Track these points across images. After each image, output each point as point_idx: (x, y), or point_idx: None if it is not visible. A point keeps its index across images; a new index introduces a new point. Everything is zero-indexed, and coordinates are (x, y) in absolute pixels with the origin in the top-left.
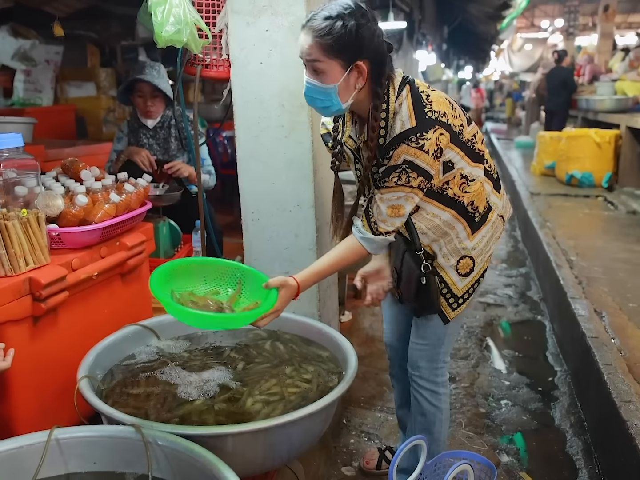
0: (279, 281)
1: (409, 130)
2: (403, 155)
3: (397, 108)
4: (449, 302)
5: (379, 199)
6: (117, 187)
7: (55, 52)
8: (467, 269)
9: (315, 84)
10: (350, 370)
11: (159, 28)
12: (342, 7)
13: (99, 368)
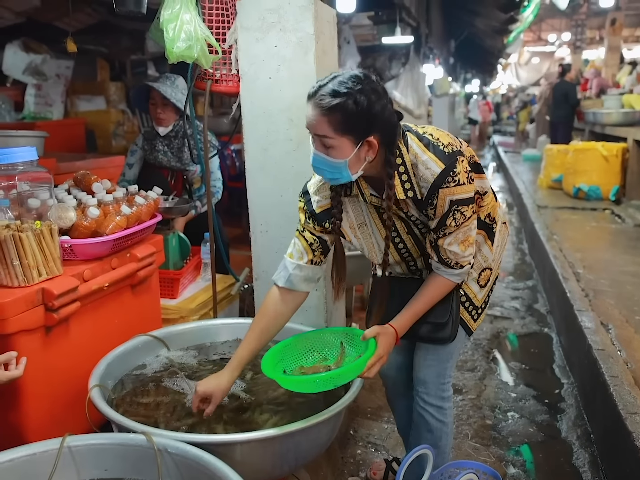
0: (375, 331)
1: (441, 173)
2: (447, 198)
3: (413, 159)
4: (471, 314)
5: (447, 245)
6: (128, 199)
7: (65, 66)
8: (486, 279)
9: (324, 158)
10: (357, 381)
11: (171, 44)
12: (352, 82)
13: (110, 377)
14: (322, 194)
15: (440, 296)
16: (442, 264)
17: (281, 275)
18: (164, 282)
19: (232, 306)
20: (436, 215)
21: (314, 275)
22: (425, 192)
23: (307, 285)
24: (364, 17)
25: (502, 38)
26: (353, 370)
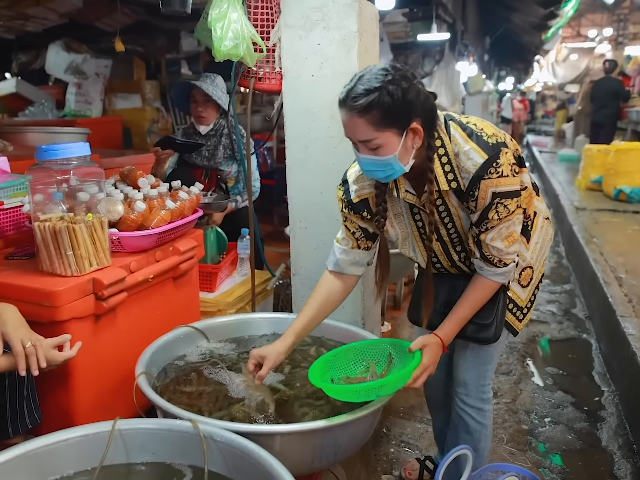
0: (421, 343)
1: (483, 164)
2: (489, 190)
3: (455, 149)
4: (516, 315)
5: (489, 241)
6: (172, 194)
7: (104, 65)
8: (528, 278)
9: (373, 159)
10: None
11: (218, 43)
12: (381, 75)
13: (154, 365)
14: (361, 184)
15: (485, 299)
16: (485, 261)
17: (330, 260)
18: (203, 276)
19: (267, 301)
20: (477, 207)
21: (361, 260)
22: (466, 184)
23: (356, 269)
24: (397, 14)
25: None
26: (397, 381)
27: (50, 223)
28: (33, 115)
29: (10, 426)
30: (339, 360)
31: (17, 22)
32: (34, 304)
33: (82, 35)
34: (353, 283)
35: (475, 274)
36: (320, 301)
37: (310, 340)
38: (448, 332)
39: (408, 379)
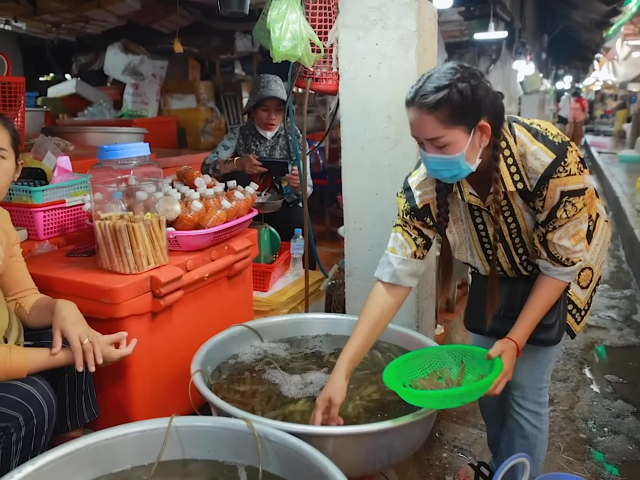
0: (499, 349)
1: (551, 164)
2: (558, 189)
3: (521, 150)
4: (575, 317)
5: (557, 240)
6: (228, 194)
7: (160, 66)
8: (588, 280)
9: (440, 158)
10: None
11: (277, 44)
12: (450, 74)
13: (209, 363)
14: (424, 189)
15: (553, 299)
16: (552, 260)
17: (385, 272)
18: (256, 275)
19: (319, 302)
20: (545, 207)
21: (418, 270)
22: (534, 184)
23: (412, 280)
24: (453, 13)
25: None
26: (481, 388)
27: (111, 222)
28: (92, 115)
29: (69, 420)
30: (411, 365)
31: (78, 24)
32: (94, 301)
33: (140, 36)
34: (406, 296)
35: (541, 275)
36: (374, 319)
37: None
38: (522, 336)
39: (490, 386)
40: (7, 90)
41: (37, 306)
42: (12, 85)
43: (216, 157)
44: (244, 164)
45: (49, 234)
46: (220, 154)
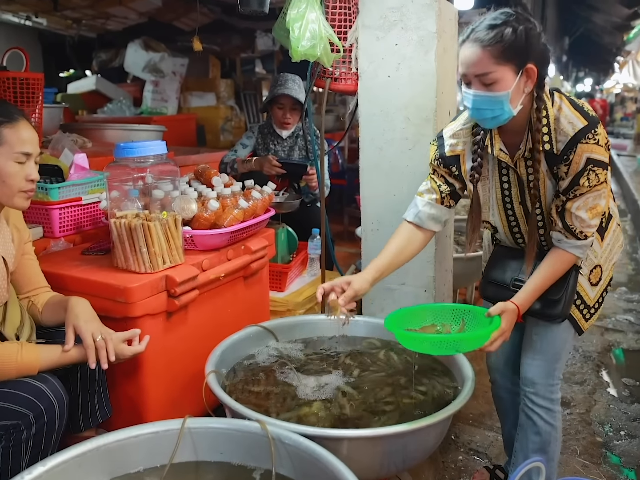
0: (500, 308)
1: (583, 129)
2: (584, 155)
3: (556, 113)
4: (582, 313)
5: (575, 209)
6: (245, 193)
7: (180, 64)
8: (597, 277)
9: (485, 95)
10: (468, 383)
11: (296, 43)
12: (506, 15)
13: (224, 364)
14: (456, 140)
15: (561, 272)
16: (566, 231)
17: (411, 212)
18: (273, 275)
19: None
20: (569, 173)
21: (441, 216)
22: (561, 147)
23: (434, 225)
24: (474, 14)
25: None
26: (477, 338)
27: (126, 220)
28: (111, 112)
29: (82, 420)
30: (413, 317)
31: (98, 20)
32: (109, 300)
33: (160, 34)
34: (428, 239)
35: (553, 247)
36: (400, 244)
37: (379, 344)
38: (524, 301)
39: (487, 340)
40: (25, 86)
41: (50, 304)
42: (30, 81)
43: (234, 156)
44: (263, 164)
45: (65, 232)
46: (238, 152)
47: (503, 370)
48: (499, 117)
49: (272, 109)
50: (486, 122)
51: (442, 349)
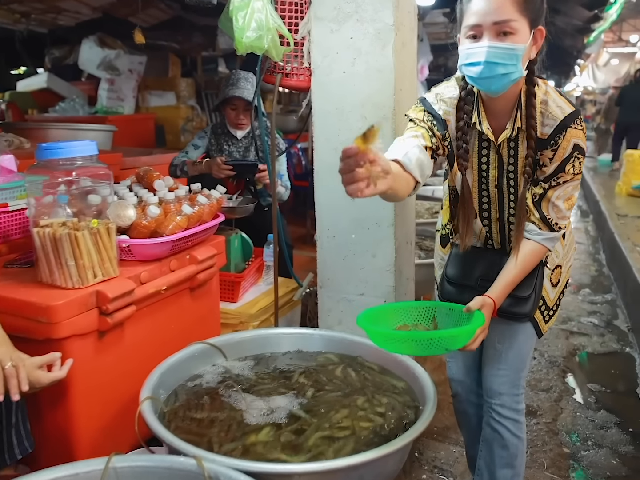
0: (480, 302)
1: (571, 113)
2: (572, 140)
3: (543, 96)
4: (543, 314)
5: (554, 198)
6: (190, 198)
7: (138, 62)
8: (557, 278)
9: (502, 46)
10: (429, 405)
11: (240, 34)
12: None
13: (163, 387)
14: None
15: (533, 265)
16: (542, 222)
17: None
18: (225, 285)
19: (294, 312)
20: (555, 158)
21: (426, 167)
22: (549, 132)
23: (419, 173)
24: (438, 15)
25: (583, 38)
26: (465, 334)
27: (51, 229)
28: (63, 111)
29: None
30: (381, 318)
31: (49, 15)
32: (29, 319)
33: (116, 30)
34: (409, 190)
35: (523, 240)
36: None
37: (336, 359)
38: (499, 295)
39: (472, 337)
40: None
41: None
42: None
43: (185, 158)
44: (212, 167)
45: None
46: (189, 154)
47: (465, 382)
48: (510, 75)
49: (224, 109)
50: (493, 82)
51: (426, 347)
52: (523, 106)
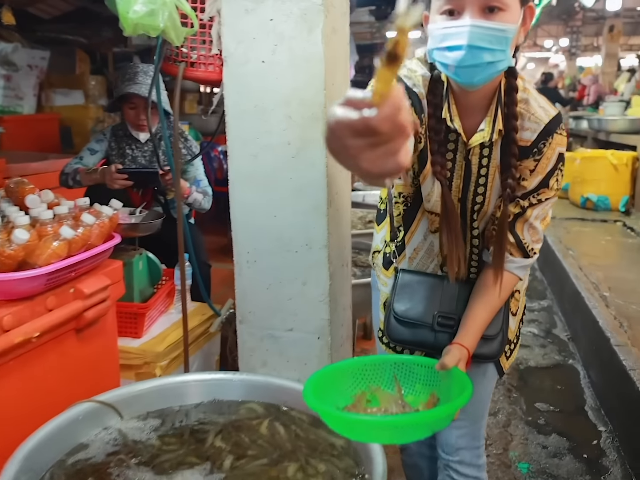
0: (457, 356)
1: (556, 117)
2: (557, 149)
3: (523, 95)
4: (504, 350)
5: (533, 219)
6: (75, 216)
7: (40, 57)
8: (517, 306)
9: (490, 26)
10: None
11: (125, 8)
12: None
13: (35, 466)
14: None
15: (505, 299)
16: (515, 247)
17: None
18: (126, 317)
19: (212, 343)
20: (537, 170)
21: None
22: (531, 137)
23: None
24: (363, 14)
25: None
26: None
27: None
28: None
29: None
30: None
31: None
32: None
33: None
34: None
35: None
36: None
37: (261, 410)
38: (473, 341)
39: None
40: None
41: None
42: None
43: (79, 164)
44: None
45: None
46: (84, 160)
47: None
48: (497, 64)
49: (123, 107)
50: (476, 72)
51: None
52: (503, 103)
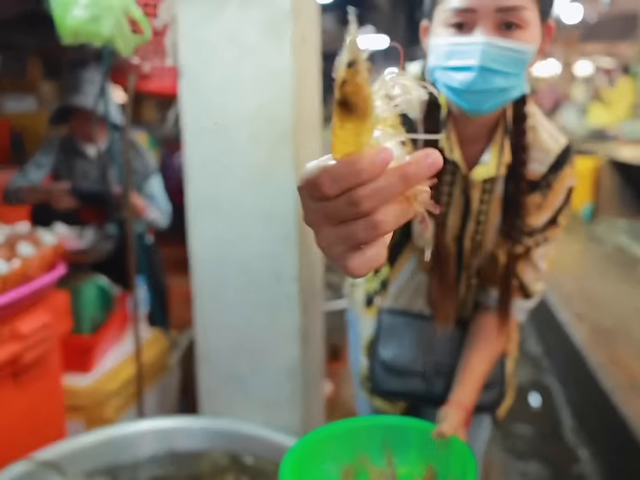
0: (454, 424)
1: (567, 147)
2: (567, 183)
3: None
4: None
5: (539, 258)
6: (11, 244)
7: None
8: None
9: (505, 45)
10: None
11: (62, 12)
12: None
13: None
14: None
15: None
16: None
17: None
18: (73, 351)
19: (171, 376)
20: (544, 206)
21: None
22: (541, 170)
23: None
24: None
25: None
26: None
27: None
28: None
29: None
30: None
31: None
32: None
33: None
34: None
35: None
36: None
37: (225, 461)
38: (472, 398)
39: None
40: None
41: None
42: None
43: (23, 181)
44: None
45: None
46: (30, 175)
47: None
48: (510, 91)
49: (70, 118)
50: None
51: None
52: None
